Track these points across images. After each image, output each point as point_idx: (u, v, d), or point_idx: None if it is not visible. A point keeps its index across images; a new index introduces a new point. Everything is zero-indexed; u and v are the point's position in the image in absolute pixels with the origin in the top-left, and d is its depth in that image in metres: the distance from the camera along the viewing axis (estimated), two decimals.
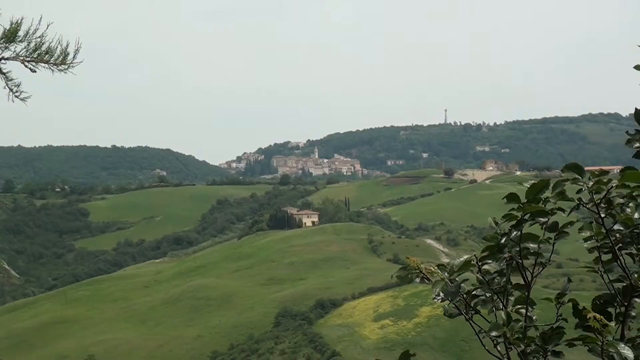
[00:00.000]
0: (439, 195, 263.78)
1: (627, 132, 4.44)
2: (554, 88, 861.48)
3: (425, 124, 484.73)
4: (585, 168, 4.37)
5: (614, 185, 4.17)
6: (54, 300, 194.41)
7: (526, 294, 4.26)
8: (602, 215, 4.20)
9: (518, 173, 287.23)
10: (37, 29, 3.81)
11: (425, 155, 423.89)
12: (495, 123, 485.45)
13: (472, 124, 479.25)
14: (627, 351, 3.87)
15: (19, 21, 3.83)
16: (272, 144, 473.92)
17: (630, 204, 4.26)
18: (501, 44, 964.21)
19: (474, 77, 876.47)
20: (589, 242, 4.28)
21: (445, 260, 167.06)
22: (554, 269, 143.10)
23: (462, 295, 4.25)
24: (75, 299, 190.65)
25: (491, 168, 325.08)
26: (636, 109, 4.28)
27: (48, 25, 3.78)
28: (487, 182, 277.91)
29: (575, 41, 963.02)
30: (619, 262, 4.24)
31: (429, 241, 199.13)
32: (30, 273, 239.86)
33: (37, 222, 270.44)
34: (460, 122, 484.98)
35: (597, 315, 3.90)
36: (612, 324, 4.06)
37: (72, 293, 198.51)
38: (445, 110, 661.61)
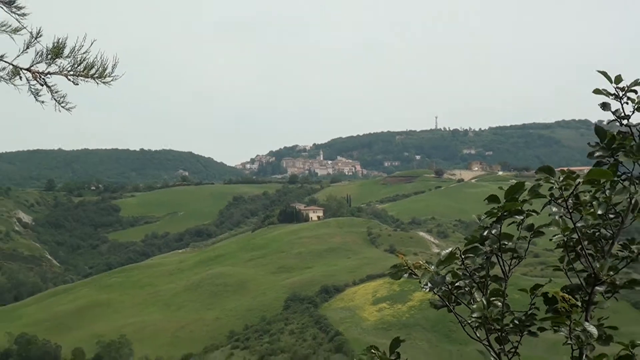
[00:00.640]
0: (430, 193, 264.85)
1: (588, 143, 4.51)
2: (532, 97, 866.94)
3: (418, 130, 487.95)
4: (559, 168, 4.40)
5: (580, 181, 4.20)
6: (90, 286, 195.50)
7: (504, 285, 4.32)
8: (570, 211, 4.23)
9: (500, 173, 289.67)
10: (82, 45, 3.86)
11: (418, 157, 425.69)
12: (480, 129, 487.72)
13: (460, 129, 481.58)
14: (592, 328, 4.00)
15: (64, 39, 3.85)
16: (282, 147, 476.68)
17: (594, 202, 4.29)
18: (485, 57, 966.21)
19: (462, 87, 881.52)
20: (557, 236, 4.27)
21: (435, 250, 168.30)
22: (532, 258, 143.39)
23: (447, 285, 4.28)
24: (108, 285, 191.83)
25: (476, 169, 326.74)
26: (595, 124, 4.48)
27: (92, 43, 3.88)
28: (473, 181, 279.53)
29: (553, 57, 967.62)
30: (583, 254, 4.25)
31: (421, 233, 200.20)
32: (69, 262, 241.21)
33: (75, 217, 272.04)
34: (449, 127, 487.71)
35: (566, 296, 4.01)
36: (579, 307, 4.10)
37: (105, 280, 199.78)
38: (436, 117, 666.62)
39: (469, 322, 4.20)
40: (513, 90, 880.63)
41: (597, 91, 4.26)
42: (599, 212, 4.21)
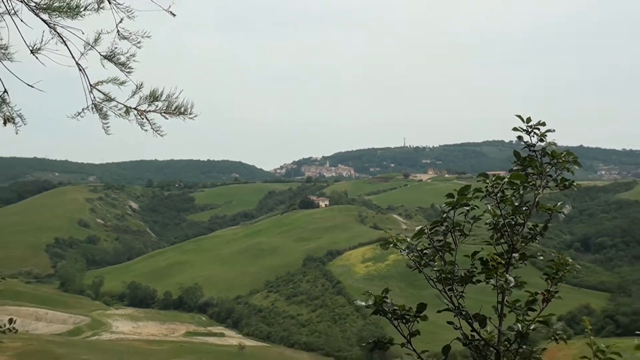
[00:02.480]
0: (400, 189, 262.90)
1: (511, 161, 4.47)
2: (467, 122, 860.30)
3: (392, 146, 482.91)
4: (492, 173, 4.45)
5: (505, 182, 4.24)
6: (175, 250, 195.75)
7: (455, 252, 4.27)
8: (498, 203, 4.25)
9: (447, 176, 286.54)
10: (173, 93, 3.85)
11: (392, 165, 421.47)
12: (433, 146, 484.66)
13: (420, 146, 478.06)
14: (510, 278, 4.05)
15: (159, 89, 3.86)
16: (301, 158, 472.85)
17: (513, 198, 4.28)
18: (433, 91, 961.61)
19: (422, 115, 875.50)
20: (488, 220, 4.30)
21: (403, 227, 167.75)
22: (473, 235, 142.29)
23: (418, 252, 4.28)
24: (186, 250, 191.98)
25: (431, 173, 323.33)
26: (514, 150, 4.43)
27: (181, 91, 3.83)
28: (428, 180, 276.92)
29: (481, 95, 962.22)
30: (505, 232, 4.26)
31: (395, 216, 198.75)
32: (161, 234, 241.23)
33: (165, 204, 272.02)
34: (412, 145, 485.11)
35: (494, 256, 4.05)
36: (502, 266, 4.12)
37: (185, 246, 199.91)
38: (404, 138, 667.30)
39: (432, 277, 4.22)
40: (455, 119, 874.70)
41: (515, 129, 4.29)
42: (516, 204, 4.22)
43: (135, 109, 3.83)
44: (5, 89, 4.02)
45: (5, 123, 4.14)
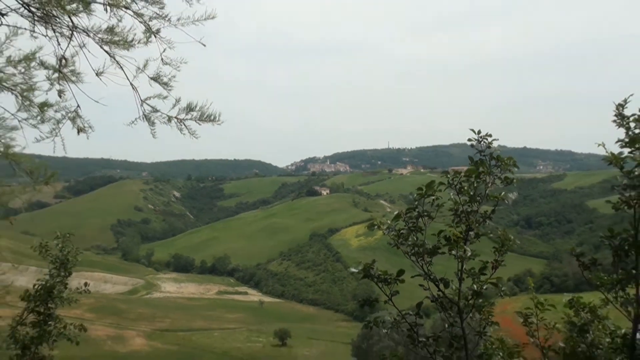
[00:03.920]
0: (385, 181, 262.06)
1: (470, 162, 4.39)
2: (437, 128, 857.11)
3: (379, 148, 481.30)
4: (452, 168, 4.41)
5: (462, 176, 4.21)
6: (208, 229, 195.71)
7: (424, 231, 4.25)
8: (458, 192, 4.22)
9: (422, 170, 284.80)
10: (205, 104, 3.85)
11: (379, 162, 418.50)
12: (411, 147, 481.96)
13: (401, 147, 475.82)
14: (468, 249, 4.03)
15: (194, 102, 3.87)
16: (307, 157, 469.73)
17: (469, 188, 4.26)
18: (410, 104, 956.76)
19: (401, 123, 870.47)
20: (451, 207, 4.25)
21: (388, 210, 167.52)
22: (440, 218, 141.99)
23: (396, 231, 4.27)
24: (218, 229, 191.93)
25: (410, 168, 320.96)
26: (469, 156, 4.38)
27: (211, 103, 3.83)
28: (407, 174, 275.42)
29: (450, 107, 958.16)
30: (463, 216, 4.21)
31: (381, 201, 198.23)
32: (198, 216, 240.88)
33: (201, 193, 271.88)
34: (395, 147, 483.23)
35: (455, 232, 4.04)
36: (461, 240, 4.10)
37: (216, 226, 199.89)
38: (389, 142, 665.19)
39: (408, 250, 4.23)
40: (429, 126, 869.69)
41: (469, 140, 4.29)
42: (471, 194, 4.19)
43: (175, 117, 3.87)
44: (78, 105, 4.08)
45: (79, 132, 4.19)
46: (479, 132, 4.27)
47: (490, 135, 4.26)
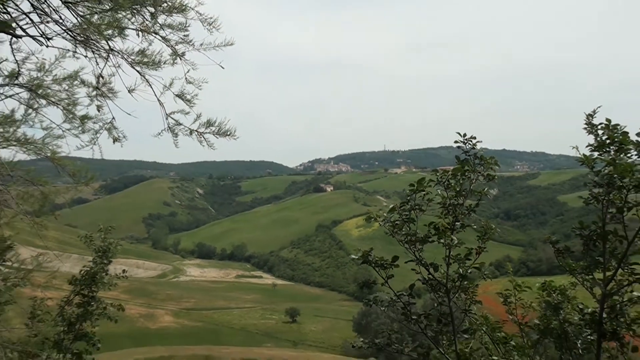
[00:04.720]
0: (382, 179, 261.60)
1: (456, 162, 4.33)
2: (427, 132, 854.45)
3: (376, 150, 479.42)
4: (440, 168, 4.34)
5: (449, 174, 4.18)
6: (228, 221, 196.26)
7: (416, 222, 4.21)
8: (446, 188, 4.19)
9: (414, 170, 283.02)
10: (224, 121, 3.87)
11: (376, 162, 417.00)
12: (404, 150, 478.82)
13: (395, 150, 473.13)
14: (455, 238, 4.00)
15: (213, 118, 3.88)
16: (314, 158, 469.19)
17: (455, 185, 4.20)
18: (402, 112, 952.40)
19: (396, 127, 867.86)
20: (439, 201, 4.22)
21: (385, 204, 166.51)
22: (431, 210, 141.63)
23: (391, 222, 4.24)
24: (236, 221, 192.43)
25: (403, 168, 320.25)
26: (456, 155, 4.33)
27: (228, 120, 3.85)
28: (401, 173, 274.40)
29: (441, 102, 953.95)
30: (450, 209, 4.18)
31: (378, 197, 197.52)
32: (219, 210, 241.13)
33: (221, 190, 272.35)
34: (390, 149, 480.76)
35: (444, 223, 4.01)
36: (449, 230, 4.06)
37: (235, 218, 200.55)
38: (385, 144, 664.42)
39: (402, 239, 4.21)
40: (422, 128, 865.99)
41: (456, 142, 4.29)
42: (457, 189, 4.17)
43: (196, 131, 3.89)
44: (113, 117, 4.17)
45: (114, 142, 4.27)
46: (465, 134, 4.25)
47: (474, 138, 4.24)
